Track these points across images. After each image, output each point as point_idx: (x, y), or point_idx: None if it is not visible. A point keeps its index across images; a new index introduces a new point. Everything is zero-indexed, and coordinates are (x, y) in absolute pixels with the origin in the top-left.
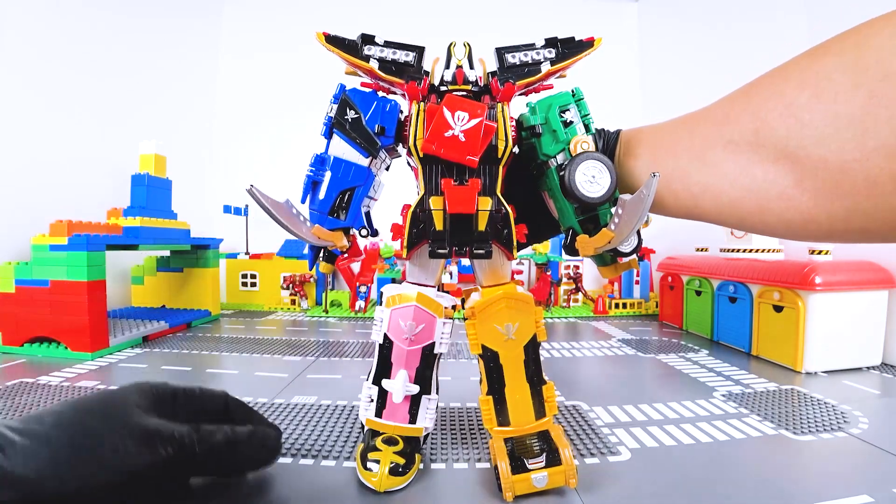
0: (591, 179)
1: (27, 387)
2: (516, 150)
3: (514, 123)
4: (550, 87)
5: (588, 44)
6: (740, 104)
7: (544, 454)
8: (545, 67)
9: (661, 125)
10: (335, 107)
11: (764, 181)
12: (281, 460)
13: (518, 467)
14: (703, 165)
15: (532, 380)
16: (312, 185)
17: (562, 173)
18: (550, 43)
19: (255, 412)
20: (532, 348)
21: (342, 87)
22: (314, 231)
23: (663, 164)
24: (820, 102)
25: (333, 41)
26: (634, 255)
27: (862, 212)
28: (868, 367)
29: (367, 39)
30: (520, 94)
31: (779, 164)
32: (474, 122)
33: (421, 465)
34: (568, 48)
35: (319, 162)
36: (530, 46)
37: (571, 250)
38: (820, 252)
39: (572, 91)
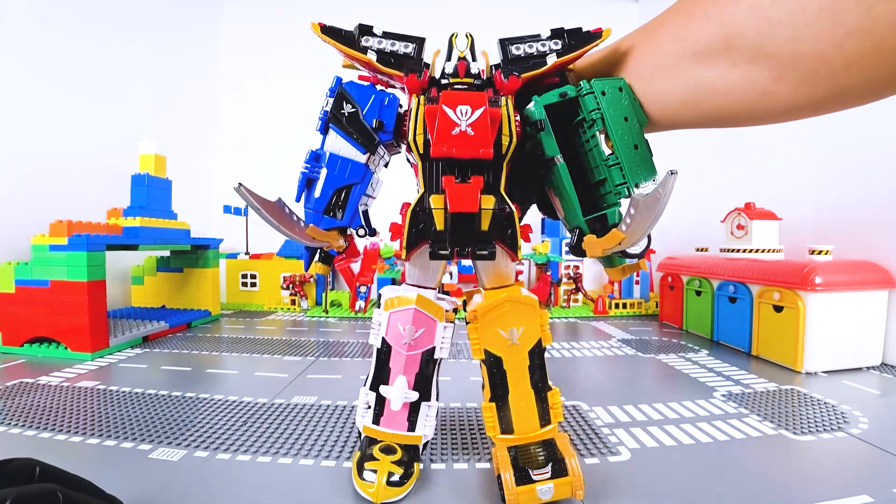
0: None
1: (27, 387)
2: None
3: (518, 118)
4: (556, 80)
5: (596, 35)
6: (698, 13)
7: (550, 464)
8: (551, 59)
9: (610, 49)
10: (331, 100)
11: (743, 82)
12: (280, 460)
13: (522, 478)
14: (677, 80)
15: (537, 386)
16: (307, 182)
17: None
18: (556, 34)
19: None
20: (537, 353)
21: (338, 79)
22: (309, 231)
23: (633, 89)
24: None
25: (329, 32)
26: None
27: (842, 90)
28: (868, 367)
29: (365, 30)
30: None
31: (755, 64)
32: (478, 112)
33: (421, 466)
34: (575, 39)
35: (314, 158)
36: (535, 37)
37: (578, 251)
38: (820, 252)
39: (579, 84)
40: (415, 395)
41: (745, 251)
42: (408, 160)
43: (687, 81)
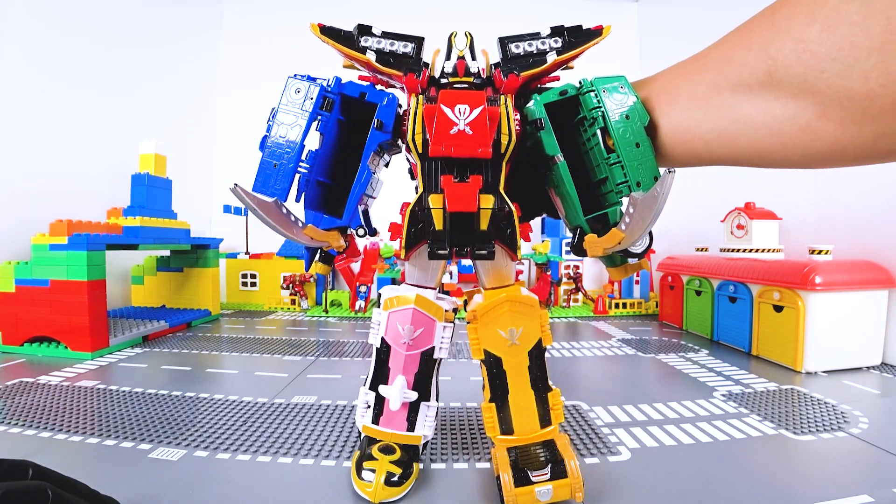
0: None
1: (27, 386)
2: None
3: (517, 117)
4: (557, 78)
5: (596, 32)
6: (741, 46)
7: (549, 466)
8: (551, 57)
9: (652, 78)
10: None
11: (784, 118)
12: (280, 460)
13: (521, 479)
14: (714, 111)
15: (537, 386)
16: (306, 182)
17: None
18: (556, 32)
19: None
20: (537, 354)
21: (338, 80)
22: (307, 231)
23: (667, 116)
24: (834, 35)
25: (328, 32)
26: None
27: (891, 134)
28: (868, 367)
29: (364, 30)
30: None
31: (799, 99)
32: (477, 111)
33: (421, 466)
34: (575, 37)
35: (314, 158)
36: (535, 36)
37: (579, 250)
38: (820, 252)
39: (579, 82)
40: (414, 395)
41: (745, 251)
42: (407, 160)
43: (725, 112)
